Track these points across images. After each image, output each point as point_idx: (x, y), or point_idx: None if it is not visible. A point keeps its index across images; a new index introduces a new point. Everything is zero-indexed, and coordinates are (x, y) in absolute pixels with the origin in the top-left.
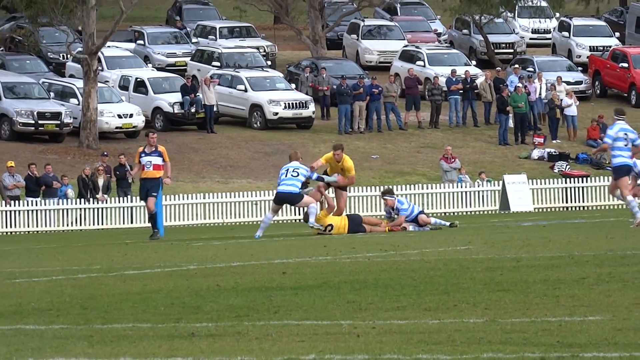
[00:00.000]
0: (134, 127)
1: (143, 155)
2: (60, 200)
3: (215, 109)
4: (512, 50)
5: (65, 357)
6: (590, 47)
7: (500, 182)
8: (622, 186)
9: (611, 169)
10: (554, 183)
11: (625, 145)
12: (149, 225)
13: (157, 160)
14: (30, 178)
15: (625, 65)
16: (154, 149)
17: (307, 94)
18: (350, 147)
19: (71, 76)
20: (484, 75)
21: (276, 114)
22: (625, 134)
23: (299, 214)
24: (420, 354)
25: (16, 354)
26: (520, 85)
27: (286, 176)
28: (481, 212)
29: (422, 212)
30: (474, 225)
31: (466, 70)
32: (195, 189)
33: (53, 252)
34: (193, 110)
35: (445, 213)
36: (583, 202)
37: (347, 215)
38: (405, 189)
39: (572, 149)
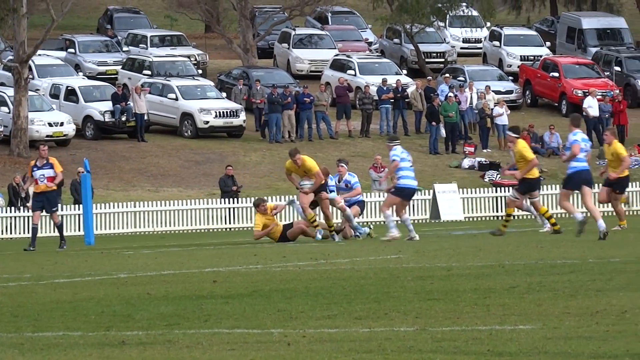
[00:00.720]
0: (64, 135)
1: (35, 169)
2: None
3: (146, 117)
4: (443, 60)
5: None
6: (521, 56)
7: (431, 191)
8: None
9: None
10: (484, 192)
11: (585, 156)
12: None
13: (50, 173)
14: None
15: (556, 74)
16: (45, 161)
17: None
18: (281, 156)
19: (2, 84)
20: (414, 85)
21: (207, 122)
22: (585, 144)
23: (233, 222)
24: None
25: None
26: (451, 94)
27: None
28: (412, 221)
29: (362, 202)
30: (404, 235)
31: (397, 80)
32: (126, 197)
33: None
34: (124, 118)
35: (376, 222)
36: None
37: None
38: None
39: (502, 158)
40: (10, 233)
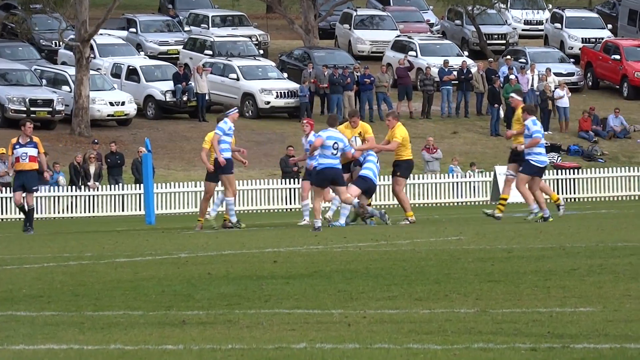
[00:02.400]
0: (125, 115)
1: (17, 146)
2: (52, 188)
3: (207, 97)
4: (504, 42)
5: (57, 344)
6: (582, 38)
7: (492, 173)
8: (523, 181)
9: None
10: (545, 174)
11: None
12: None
13: (33, 152)
14: None
15: (618, 57)
16: (29, 139)
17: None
18: None
19: (63, 63)
20: (476, 66)
21: (268, 103)
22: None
23: (296, 203)
24: (411, 344)
25: (7, 340)
26: (512, 76)
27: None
28: (472, 203)
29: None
30: (465, 216)
31: (463, 61)
32: (187, 177)
33: (44, 239)
34: (185, 98)
35: (436, 204)
36: (574, 193)
37: None
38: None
39: (563, 141)
40: (72, 212)
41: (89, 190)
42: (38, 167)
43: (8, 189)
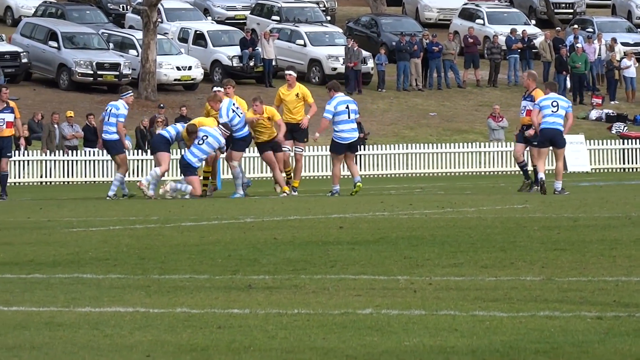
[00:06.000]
0: (192, 79)
1: None
2: None
3: (274, 63)
4: (571, 11)
5: (123, 307)
6: None
7: None
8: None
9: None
10: (611, 144)
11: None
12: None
13: (9, 117)
14: (88, 128)
15: None
16: (5, 105)
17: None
18: (409, 104)
19: (130, 27)
20: (543, 35)
21: (335, 69)
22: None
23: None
24: (476, 311)
25: (73, 302)
26: (579, 45)
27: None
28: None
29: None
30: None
31: (523, 30)
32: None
33: (110, 203)
34: (252, 64)
35: (502, 172)
36: None
37: None
38: (463, 147)
39: (630, 111)
40: (138, 176)
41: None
42: (14, 133)
43: (75, 152)
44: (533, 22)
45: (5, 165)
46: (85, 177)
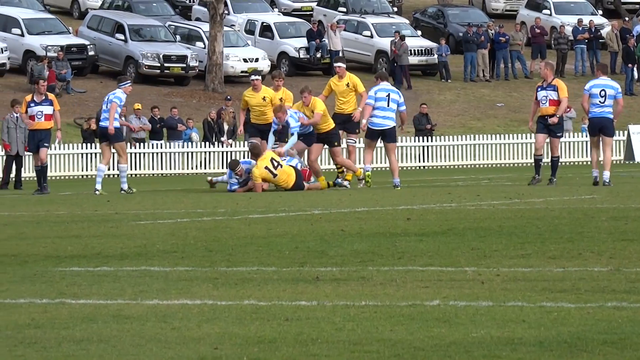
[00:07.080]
0: (259, 71)
1: (32, 104)
2: (185, 144)
3: (340, 54)
4: (639, 1)
5: (190, 299)
6: None
7: (625, 132)
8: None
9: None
10: None
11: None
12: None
13: (49, 110)
14: (153, 121)
15: None
16: (44, 97)
17: None
18: (476, 95)
19: (197, 19)
20: (610, 25)
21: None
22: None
23: (427, 160)
24: (544, 302)
25: (141, 295)
26: None
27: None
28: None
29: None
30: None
31: (590, 20)
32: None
33: (177, 195)
34: (319, 55)
35: (569, 162)
36: None
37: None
38: (530, 138)
39: None
40: (205, 168)
41: (223, 147)
42: (53, 125)
43: (143, 144)
44: (600, 12)
45: (45, 156)
46: (152, 169)
